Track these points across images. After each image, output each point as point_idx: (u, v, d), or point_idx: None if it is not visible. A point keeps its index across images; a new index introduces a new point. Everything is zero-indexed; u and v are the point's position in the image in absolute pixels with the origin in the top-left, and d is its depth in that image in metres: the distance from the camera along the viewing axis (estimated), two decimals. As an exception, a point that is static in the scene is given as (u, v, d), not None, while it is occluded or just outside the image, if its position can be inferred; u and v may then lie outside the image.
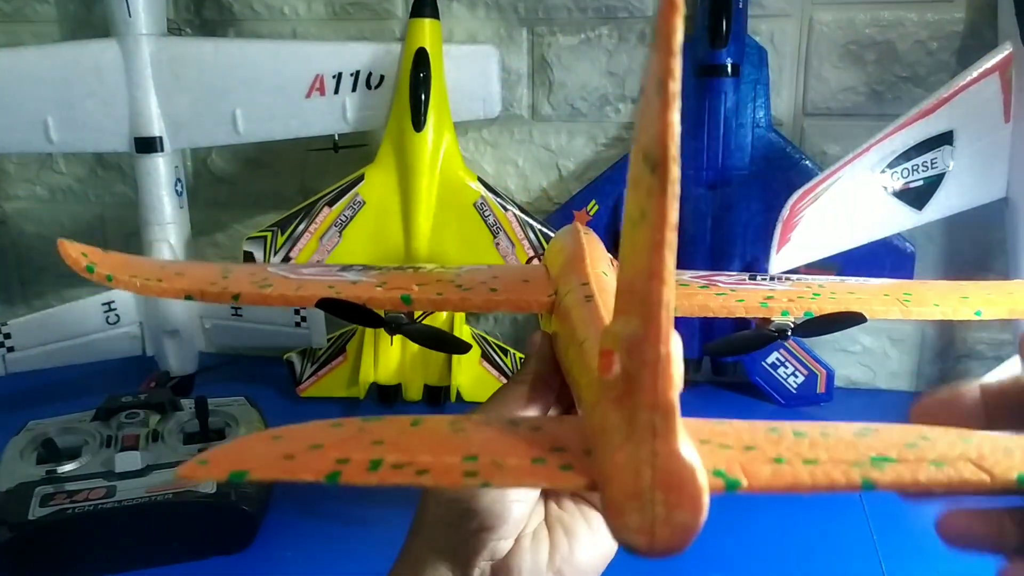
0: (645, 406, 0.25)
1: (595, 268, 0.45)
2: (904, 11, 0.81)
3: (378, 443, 0.28)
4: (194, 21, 0.94)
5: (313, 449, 0.27)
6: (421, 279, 0.47)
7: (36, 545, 0.59)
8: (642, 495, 0.25)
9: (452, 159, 0.85)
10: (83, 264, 0.44)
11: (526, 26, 0.89)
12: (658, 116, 0.22)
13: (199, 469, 0.26)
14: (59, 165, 1.02)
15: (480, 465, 0.27)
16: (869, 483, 0.28)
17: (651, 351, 0.24)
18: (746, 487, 0.27)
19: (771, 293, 0.49)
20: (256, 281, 0.45)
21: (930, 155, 0.74)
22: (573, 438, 0.29)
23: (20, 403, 0.83)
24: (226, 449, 0.27)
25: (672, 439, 0.25)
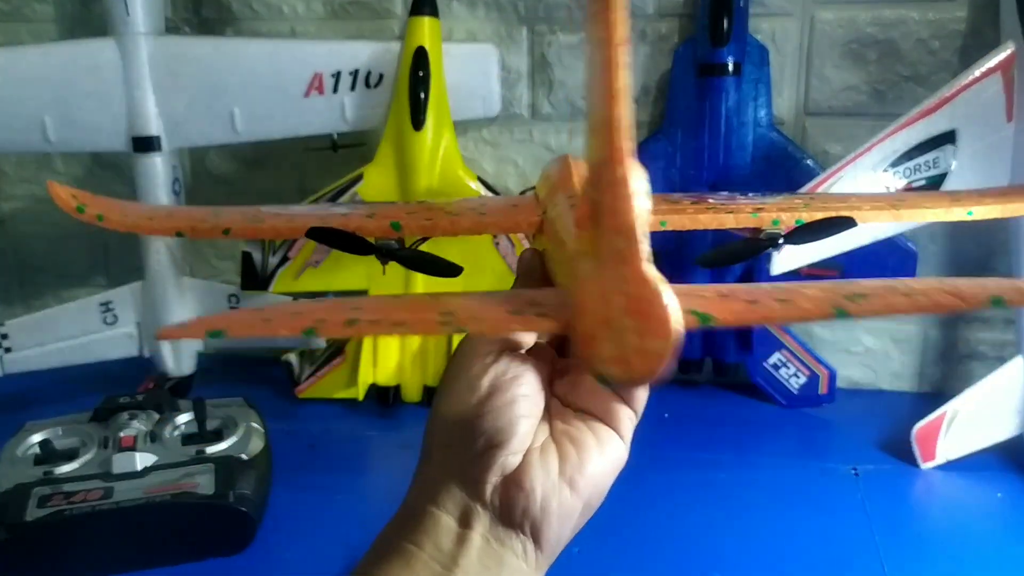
0: (608, 229, 0.25)
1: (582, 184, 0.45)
2: (906, 10, 0.80)
3: (356, 308, 0.28)
4: (192, 20, 0.94)
5: (293, 315, 0.28)
6: (410, 208, 0.48)
7: (33, 546, 0.59)
8: (612, 322, 0.25)
9: (451, 158, 0.84)
10: (73, 204, 0.45)
11: (526, 25, 0.88)
12: None
13: (177, 330, 0.27)
14: (57, 165, 1.02)
15: (456, 317, 0.27)
16: (842, 312, 0.28)
17: (610, 172, 0.25)
18: (719, 321, 0.27)
19: (761, 205, 0.48)
20: (247, 217, 0.46)
21: (932, 154, 0.74)
22: (551, 298, 0.29)
23: (17, 404, 0.83)
24: (210, 317, 0.28)
25: (636, 262, 0.25)
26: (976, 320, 0.86)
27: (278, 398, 0.88)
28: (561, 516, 0.37)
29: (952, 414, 0.73)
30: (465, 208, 0.47)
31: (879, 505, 0.67)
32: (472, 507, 0.36)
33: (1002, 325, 0.85)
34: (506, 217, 0.46)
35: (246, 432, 0.69)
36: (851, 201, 0.49)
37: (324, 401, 0.88)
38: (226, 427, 0.70)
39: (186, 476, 0.63)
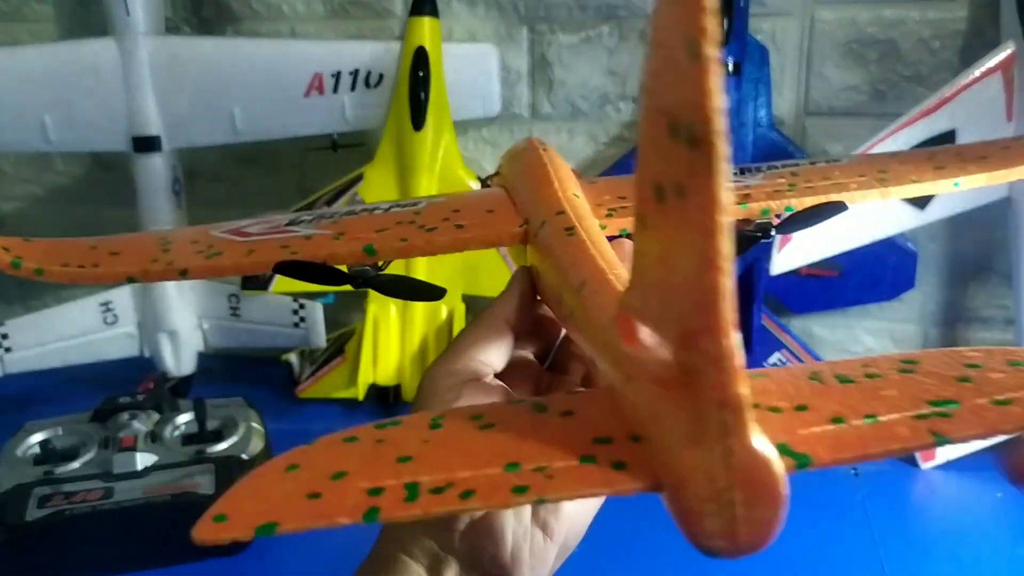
0: (713, 404, 0.23)
1: (566, 192, 0.42)
2: (906, 10, 0.80)
3: (404, 460, 0.25)
4: (192, 20, 0.94)
5: (337, 480, 0.24)
6: (379, 223, 0.44)
7: (33, 546, 0.59)
8: (719, 497, 0.23)
9: (451, 158, 0.84)
10: (7, 260, 0.38)
11: (526, 24, 0.88)
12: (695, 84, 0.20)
13: (219, 529, 0.22)
14: (57, 165, 1.02)
15: (526, 476, 0.24)
16: (942, 438, 0.25)
17: (715, 346, 0.22)
18: (816, 463, 0.25)
19: (747, 191, 0.45)
20: (201, 251, 0.41)
21: (932, 154, 0.74)
22: (612, 422, 0.27)
23: (17, 404, 0.83)
24: (241, 495, 0.24)
25: (745, 435, 0.23)
26: (976, 320, 0.86)
27: (278, 398, 0.88)
28: (534, 562, 0.35)
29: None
30: (439, 219, 0.44)
31: (879, 505, 0.67)
32: (441, 555, 0.35)
33: (1002, 325, 0.85)
34: (486, 228, 0.42)
35: (246, 432, 0.69)
36: (835, 177, 0.47)
37: (324, 401, 0.88)
38: (226, 427, 0.70)
39: (186, 476, 0.63)
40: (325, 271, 0.40)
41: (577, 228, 0.38)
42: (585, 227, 0.38)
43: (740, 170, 0.51)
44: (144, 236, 0.46)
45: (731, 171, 0.52)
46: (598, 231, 0.39)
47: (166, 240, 0.43)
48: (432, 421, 0.28)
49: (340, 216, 0.46)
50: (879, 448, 0.25)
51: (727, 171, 0.21)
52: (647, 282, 0.26)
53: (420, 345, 0.87)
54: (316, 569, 0.61)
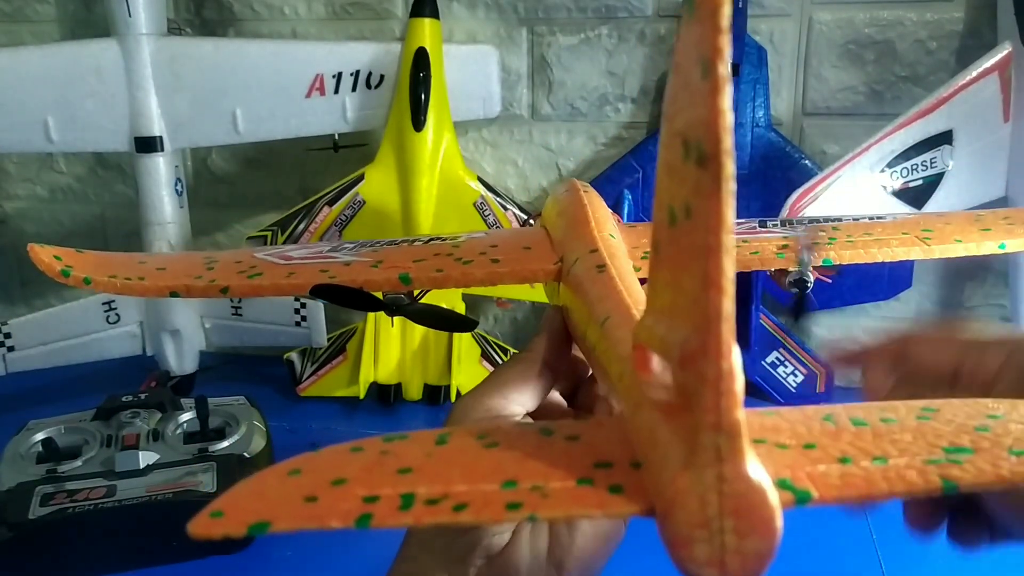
0: (707, 427, 0.22)
1: (601, 231, 0.43)
2: (903, 10, 0.81)
3: (405, 471, 0.25)
4: (194, 21, 0.94)
5: (336, 486, 0.24)
6: (417, 254, 0.45)
7: (36, 544, 0.59)
8: (710, 524, 0.23)
9: (452, 159, 0.85)
10: (57, 268, 0.41)
11: (526, 26, 0.89)
12: (705, 102, 0.20)
13: (213, 524, 0.23)
14: (59, 165, 1.03)
15: (522, 494, 0.24)
16: (951, 485, 0.25)
17: (712, 367, 0.22)
18: (817, 500, 0.24)
19: (786, 241, 0.45)
20: (243, 271, 0.43)
21: (929, 154, 0.74)
22: (616, 448, 0.26)
23: (20, 402, 0.83)
24: (241, 493, 0.24)
25: (740, 461, 0.22)
26: (973, 319, 0.87)
27: (280, 396, 0.89)
28: None
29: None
30: (476, 253, 0.44)
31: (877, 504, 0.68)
32: None
33: (1000, 323, 0.86)
34: (521, 264, 0.43)
35: (248, 430, 0.69)
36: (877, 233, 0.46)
37: (326, 399, 0.88)
38: (228, 425, 0.70)
39: (188, 474, 0.63)
40: (360, 296, 0.41)
41: (608, 266, 0.38)
42: (616, 265, 0.38)
43: (782, 222, 0.52)
44: (190, 255, 0.48)
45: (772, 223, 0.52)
46: (629, 270, 0.39)
47: (211, 259, 0.45)
48: (439, 437, 0.28)
49: (381, 246, 0.47)
50: (884, 489, 0.25)
51: (732, 191, 0.21)
52: (658, 308, 0.26)
53: (421, 344, 0.87)
54: (317, 567, 0.62)
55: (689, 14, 0.21)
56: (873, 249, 0.45)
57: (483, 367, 0.87)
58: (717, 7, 0.19)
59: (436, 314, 0.46)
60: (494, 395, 0.37)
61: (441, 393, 0.86)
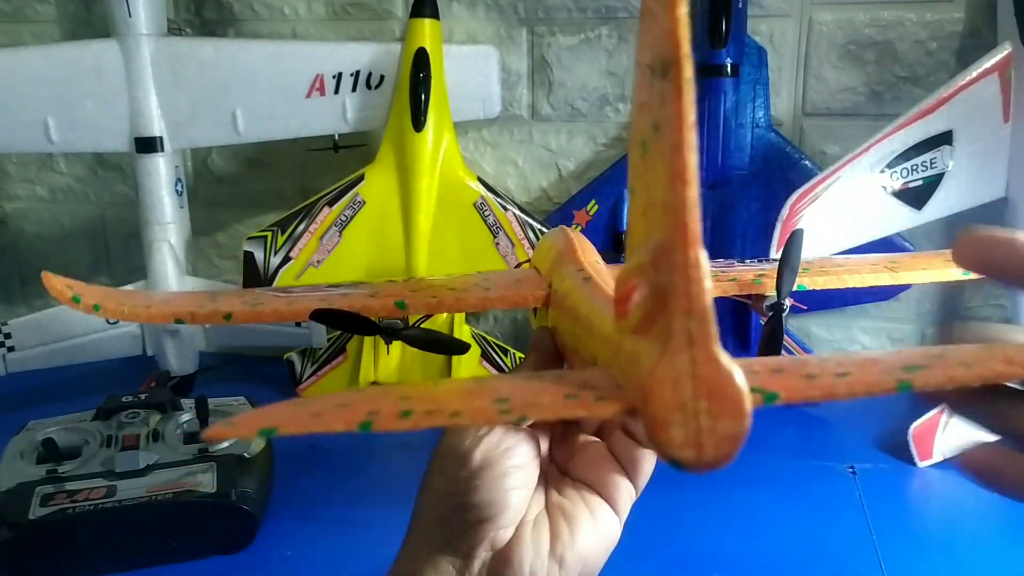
0: (679, 312, 0.24)
1: (587, 258, 0.45)
2: (903, 11, 0.81)
3: (405, 398, 0.27)
4: (194, 21, 0.94)
5: (340, 407, 0.27)
6: (413, 287, 0.47)
7: (36, 545, 0.59)
8: (685, 406, 0.24)
9: (452, 159, 0.85)
10: (68, 295, 0.44)
11: (526, 26, 0.89)
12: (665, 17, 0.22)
13: (226, 429, 0.26)
14: (59, 165, 1.03)
15: (513, 404, 0.26)
16: (905, 384, 0.27)
17: (681, 255, 0.24)
18: (784, 399, 0.27)
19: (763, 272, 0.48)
20: (246, 301, 0.45)
21: (929, 155, 0.74)
22: (600, 380, 0.28)
23: (20, 403, 0.83)
24: (254, 412, 0.27)
25: (710, 345, 0.24)
26: (972, 319, 0.87)
27: (280, 397, 0.87)
28: None
29: (949, 413, 0.73)
30: (470, 284, 0.47)
31: (876, 503, 0.68)
32: None
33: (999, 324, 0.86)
34: (511, 291, 0.45)
35: (248, 431, 0.69)
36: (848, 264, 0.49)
37: (325, 400, 0.88)
38: (228, 426, 0.70)
39: (188, 475, 0.63)
40: (358, 320, 0.43)
41: (594, 278, 0.40)
42: (603, 279, 0.40)
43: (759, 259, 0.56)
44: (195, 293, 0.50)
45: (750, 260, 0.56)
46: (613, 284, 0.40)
47: (215, 294, 0.47)
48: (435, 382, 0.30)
49: (381, 285, 0.49)
50: (845, 390, 0.27)
51: (693, 93, 0.23)
52: (635, 243, 0.27)
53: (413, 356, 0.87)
54: (318, 567, 0.62)
55: None
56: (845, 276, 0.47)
57: (483, 368, 0.87)
58: None
59: (431, 339, 0.49)
60: None
61: (441, 393, 0.86)
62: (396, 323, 0.45)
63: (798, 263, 0.47)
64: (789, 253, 0.46)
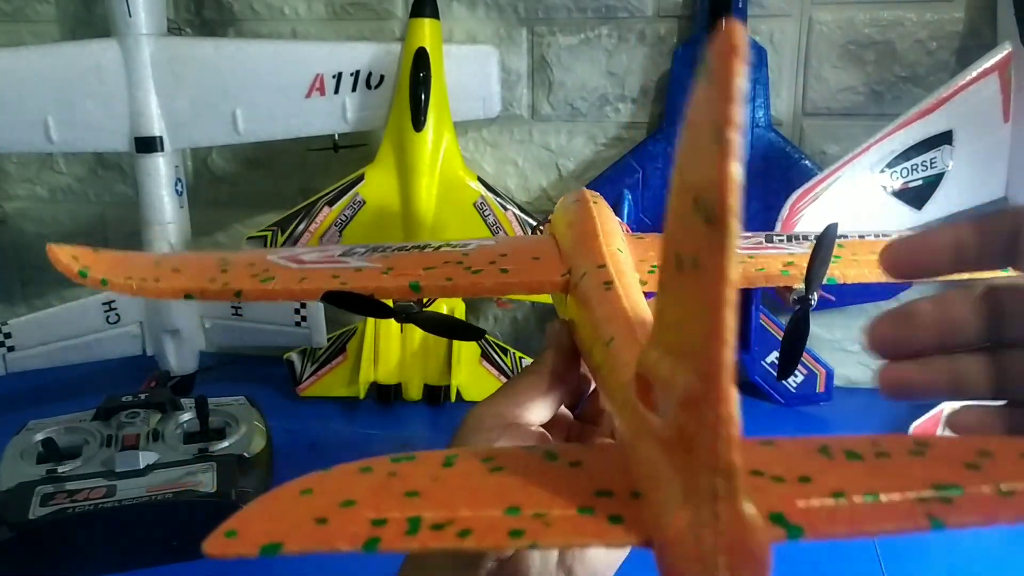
0: (705, 468, 0.23)
1: (609, 246, 0.43)
2: (903, 11, 0.81)
3: (412, 495, 0.26)
4: (194, 21, 0.94)
5: (345, 507, 0.26)
6: (427, 260, 0.45)
7: (36, 544, 0.59)
8: (704, 559, 0.23)
9: (452, 159, 0.85)
10: (75, 269, 0.42)
11: (526, 26, 0.89)
12: (715, 166, 0.21)
13: (228, 544, 0.24)
14: (59, 165, 1.03)
15: (524, 521, 0.25)
16: (938, 523, 0.25)
17: (711, 413, 0.23)
18: (808, 536, 0.25)
19: (790, 259, 0.46)
20: (257, 274, 0.44)
21: (929, 155, 0.74)
22: (616, 476, 0.27)
23: (20, 403, 0.83)
24: (254, 514, 0.25)
25: (735, 502, 0.23)
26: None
27: (280, 396, 0.89)
28: None
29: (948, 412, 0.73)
30: (485, 262, 0.45)
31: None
32: None
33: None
34: (530, 275, 0.44)
35: (248, 430, 0.69)
36: None
37: (326, 399, 0.88)
38: (228, 425, 0.70)
39: (188, 474, 0.63)
40: (371, 303, 0.42)
41: (615, 283, 0.38)
42: (623, 283, 0.38)
43: (788, 237, 0.52)
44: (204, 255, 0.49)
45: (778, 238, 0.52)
46: (636, 287, 0.39)
47: (225, 261, 0.45)
48: (445, 459, 0.28)
49: (392, 251, 0.48)
50: (873, 527, 0.25)
51: (737, 248, 0.21)
52: (663, 344, 0.26)
53: (421, 344, 0.87)
54: (317, 567, 0.62)
55: (704, 75, 0.21)
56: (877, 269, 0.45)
57: (483, 367, 0.87)
58: (731, 77, 0.20)
59: (445, 322, 0.47)
60: (508, 405, 0.37)
61: (441, 393, 0.86)
62: (410, 306, 0.45)
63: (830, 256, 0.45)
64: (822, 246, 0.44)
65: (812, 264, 0.44)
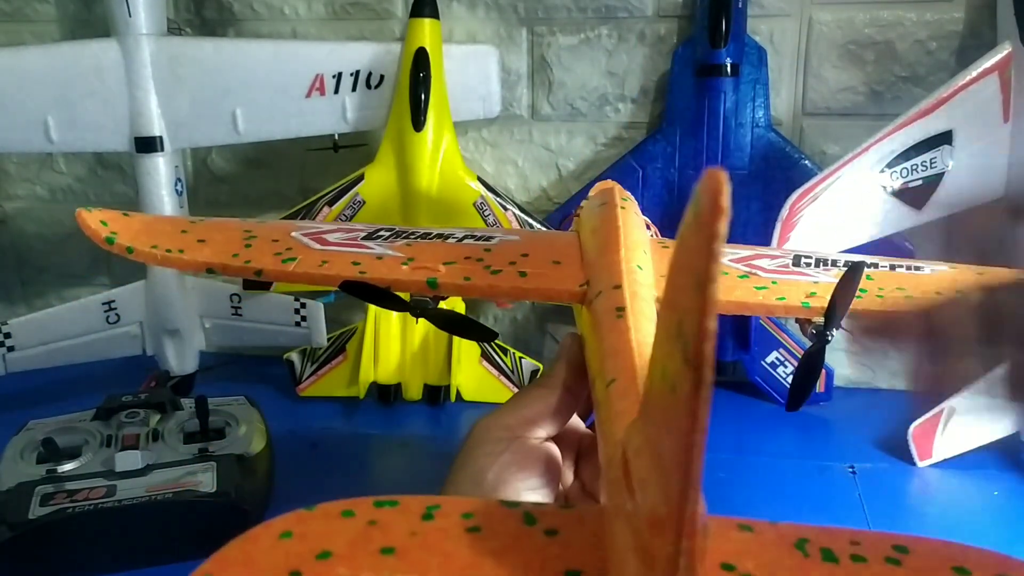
0: None
1: (630, 263, 0.42)
2: (903, 11, 0.81)
3: (388, 552, 0.26)
4: (194, 21, 0.94)
5: (320, 560, 0.26)
6: (449, 253, 0.45)
7: (36, 544, 0.59)
8: None
9: (452, 159, 0.85)
10: (103, 235, 0.42)
11: (526, 26, 0.89)
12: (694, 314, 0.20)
13: None
14: (59, 165, 1.03)
15: None
16: None
17: (671, 544, 0.23)
18: None
19: (814, 289, 0.45)
20: (280, 252, 0.43)
21: (929, 155, 0.74)
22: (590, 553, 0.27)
23: (20, 402, 0.83)
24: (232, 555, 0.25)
25: None
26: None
27: (280, 396, 0.89)
28: None
29: (949, 412, 0.73)
30: (506, 262, 0.44)
31: (876, 503, 0.68)
32: None
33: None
34: (547, 283, 0.43)
35: (248, 431, 0.69)
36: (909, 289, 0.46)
37: (326, 399, 0.88)
38: (228, 425, 0.70)
39: (188, 474, 0.63)
40: (387, 296, 0.42)
41: (627, 310, 0.38)
42: (635, 309, 0.38)
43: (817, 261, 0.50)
44: (231, 224, 0.48)
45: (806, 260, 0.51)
46: (649, 315, 0.38)
47: (250, 233, 0.45)
48: (426, 511, 0.28)
49: (415, 238, 0.47)
50: None
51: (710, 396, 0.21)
52: (646, 431, 0.26)
53: (421, 344, 0.87)
54: None
55: (692, 218, 0.21)
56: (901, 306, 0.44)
57: (483, 367, 0.87)
58: (713, 234, 0.19)
59: (460, 321, 0.46)
60: (516, 418, 0.37)
61: (441, 393, 0.86)
62: (426, 301, 0.44)
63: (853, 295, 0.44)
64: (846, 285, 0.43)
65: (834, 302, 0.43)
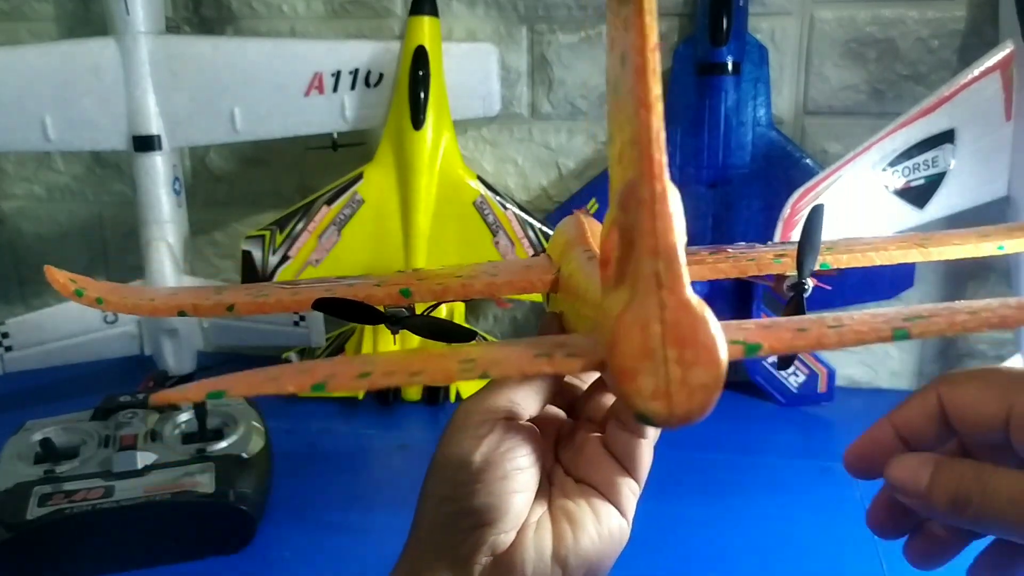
0: (646, 252, 0.22)
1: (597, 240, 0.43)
2: (905, 9, 0.81)
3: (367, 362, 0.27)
4: (192, 19, 0.94)
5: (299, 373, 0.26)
6: (421, 276, 0.46)
7: (34, 545, 0.59)
8: (653, 353, 0.22)
9: (451, 157, 0.84)
10: (71, 289, 0.44)
11: (526, 24, 0.89)
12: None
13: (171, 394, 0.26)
14: (57, 164, 1.02)
15: (477, 363, 0.25)
16: (902, 332, 0.26)
17: (647, 188, 0.22)
18: (767, 349, 0.25)
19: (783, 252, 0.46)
20: (251, 293, 0.45)
21: (931, 153, 0.74)
22: (578, 341, 0.27)
23: (18, 402, 0.83)
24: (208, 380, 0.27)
25: (679, 287, 0.22)
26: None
27: (278, 397, 0.88)
28: None
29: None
30: (478, 271, 0.46)
31: (878, 504, 0.67)
32: None
33: (1001, 324, 0.85)
34: (519, 276, 0.44)
35: (246, 431, 0.69)
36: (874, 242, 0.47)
37: (325, 399, 0.88)
38: (226, 426, 0.70)
39: (186, 475, 0.63)
40: (361, 309, 0.42)
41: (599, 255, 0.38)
42: None
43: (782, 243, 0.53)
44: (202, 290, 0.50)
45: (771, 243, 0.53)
46: None
47: (219, 289, 0.47)
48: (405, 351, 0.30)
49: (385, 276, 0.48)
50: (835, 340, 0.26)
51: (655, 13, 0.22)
52: (612, 194, 0.26)
53: (420, 344, 0.87)
54: (316, 567, 0.62)
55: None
56: (871, 253, 0.45)
57: (483, 367, 0.87)
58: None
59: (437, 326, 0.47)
60: (497, 397, 0.37)
61: (440, 393, 0.86)
62: (401, 311, 0.44)
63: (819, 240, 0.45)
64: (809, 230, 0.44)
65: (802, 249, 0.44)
